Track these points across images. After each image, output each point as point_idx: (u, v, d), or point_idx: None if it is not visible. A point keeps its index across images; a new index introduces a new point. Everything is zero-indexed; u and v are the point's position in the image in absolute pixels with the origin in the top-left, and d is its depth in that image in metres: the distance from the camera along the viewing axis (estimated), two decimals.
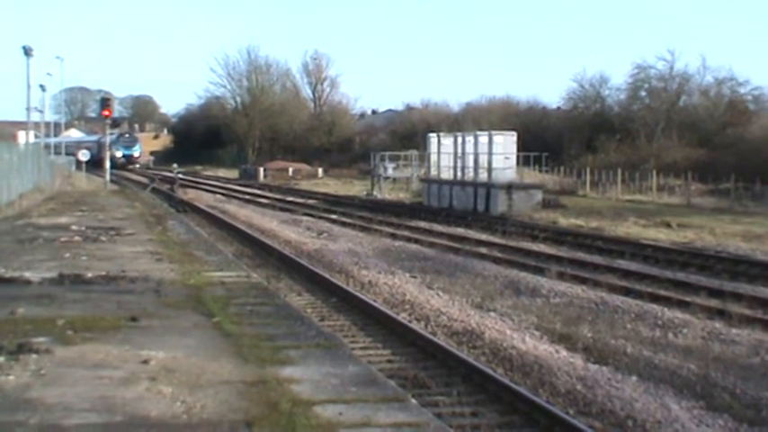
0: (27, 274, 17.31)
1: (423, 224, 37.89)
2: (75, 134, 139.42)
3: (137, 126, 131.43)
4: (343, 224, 37.97)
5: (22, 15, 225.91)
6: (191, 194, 56.56)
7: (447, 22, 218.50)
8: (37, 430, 7.99)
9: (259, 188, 66.30)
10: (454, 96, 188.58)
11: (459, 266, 24.73)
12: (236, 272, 19.10)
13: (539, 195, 43.89)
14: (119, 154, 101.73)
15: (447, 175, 48.55)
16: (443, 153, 49.52)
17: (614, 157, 64.68)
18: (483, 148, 45.41)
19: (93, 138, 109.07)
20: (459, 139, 48.56)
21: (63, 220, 30.30)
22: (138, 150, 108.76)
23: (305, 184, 71.86)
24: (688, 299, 19.51)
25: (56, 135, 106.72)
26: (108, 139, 60.30)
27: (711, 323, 17.11)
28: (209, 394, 9.18)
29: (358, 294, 19.55)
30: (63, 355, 10.79)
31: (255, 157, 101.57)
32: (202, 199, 53.17)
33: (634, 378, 13.15)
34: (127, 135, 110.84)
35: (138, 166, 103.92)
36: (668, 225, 36.05)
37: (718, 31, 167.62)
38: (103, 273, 17.68)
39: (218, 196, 57.33)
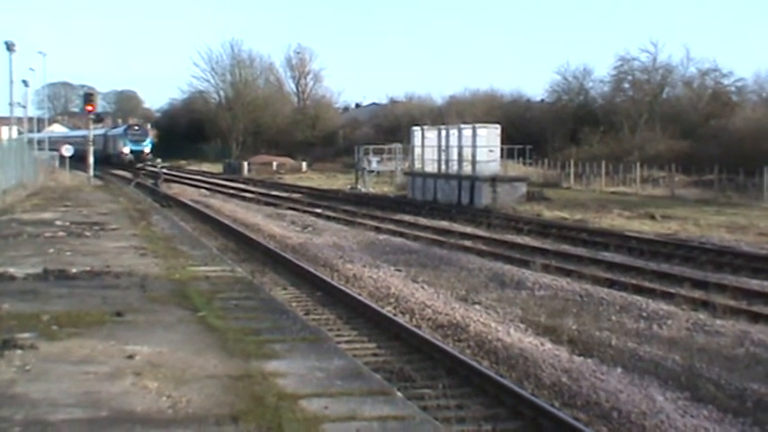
0: (11, 270, 17.24)
1: (407, 217, 37.92)
2: (58, 129, 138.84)
3: (120, 121, 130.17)
4: (328, 218, 37.98)
5: (4, 10, 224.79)
6: (175, 189, 56.45)
7: (430, 15, 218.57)
8: (22, 426, 7.95)
9: (243, 182, 66.23)
10: (438, 89, 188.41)
11: (444, 259, 24.75)
12: (221, 266, 19.07)
13: (523, 188, 43.99)
14: (126, 150, 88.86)
15: (431, 168, 48.60)
16: (427, 146, 49.52)
17: (598, 149, 64.92)
18: (467, 140, 45.45)
19: (98, 131, 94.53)
20: (444, 132, 48.60)
21: (47, 215, 30.20)
22: (149, 145, 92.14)
23: (289, 179, 71.84)
24: (672, 290, 19.57)
25: (39, 130, 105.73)
26: (91, 135, 59.86)
27: (696, 314, 17.17)
28: (195, 389, 9.16)
29: (343, 288, 19.57)
30: (48, 350, 10.75)
31: (239, 152, 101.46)
32: (186, 194, 53.08)
33: (619, 370, 13.18)
34: (136, 128, 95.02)
35: (148, 163, 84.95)
36: (652, 217, 36.20)
37: (702, 22, 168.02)
38: (88, 268, 17.63)
39: (203, 191, 57.26)
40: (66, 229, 25.28)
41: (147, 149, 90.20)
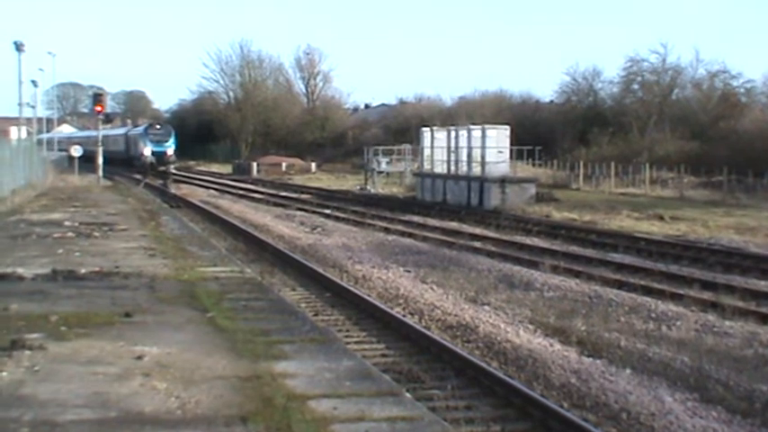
0: (20, 270, 17.27)
1: (416, 218, 37.90)
2: (67, 129, 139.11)
3: (129, 121, 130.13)
4: (337, 219, 37.96)
5: (14, 10, 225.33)
6: (184, 190, 56.48)
7: (439, 16, 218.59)
8: (31, 426, 7.97)
9: (252, 183, 66.24)
10: (447, 90, 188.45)
11: (453, 260, 24.73)
12: (230, 267, 19.08)
13: (532, 189, 43.88)
14: (147, 152, 76.94)
15: (440, 169, 48.53)
16: (437, 147, 49.43)
17: (607, 150, 64.83)
18: (476, 141, 45.35)
19: (119, 131, 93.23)
20: (453, 133, 48.49)
21: (56, 215, 30.25)
22: (173, 146, 79.21)
23: (298, 179, 71.83)
24: (681, 291, 19.54)
25: (48, 131, 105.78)
26: (100, 135, 59.95)
27: (705, 316, 17.15)
28: (204, 390, 9.17)
29: (352, 289, 19.54)
30: (56, 351, 10.77)
31: (248, 152, 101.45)
32: (196, 194, 53.10)
33: (628, 371, 13.17)
34: (158, 126, 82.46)
35: (171, 167, 74.22)
36: (661, 218, 36.13)
37: (712, 24, 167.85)
38: (97, 268, 17.66)
39: (212, 191, 57.26)
40: (74, 230, 25.32)
41: (171, 151, 78.83)
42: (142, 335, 11.69)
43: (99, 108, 55.87)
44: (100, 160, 56.83)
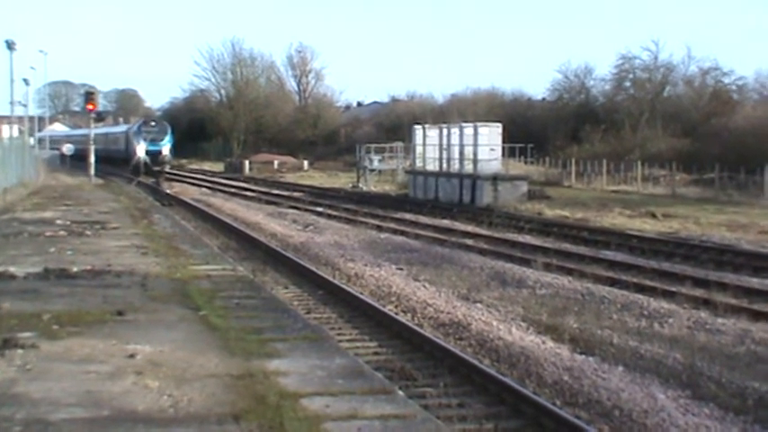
0: (12, 269, 17.23)
1: (408, 216, 37.89)
2: (59, 128, 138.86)
3: (121, 120, 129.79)
4: (329, 217, 37.96)
5: (5, 9, 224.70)
6: (176, 188, 56.46)
7: (432, 13, 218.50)
8: (23, 425, 7.95)
9: (244, 181, 66.24)
10: (439, 88, 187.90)
11: (446, 258, 24.74)
12: (222, 265, 19.06)
13: (524, 186, 43.94)
14: (140, 151, 72.01)
15: (432, 166, 48.56)
16: (429, 145, 49.49)
17: (599, 147, 64.85)
18: (468, 139, 45.40)
19: (119, 129, 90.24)
20: (445, 131, 48.54)
21: (48, 214, 30.19)
22: (169, 144, 74.23)
23: (290, 177, 71.79)
24: (673, 289, 19.57)
25: (40, 129, 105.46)
26: (92, 133, 59.81)
27: (697, 313, 17.17)
28: (196, 388, 9.15)
29: (344, 287, 19.55)
30: (49, 349, 10.75)
31: (240, 150, 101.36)
32: (188, 192, 53.08)
33: (620, 368, 13.18)
34: (152, 123, 77.78)
35: (167, 167, 72.12)
36: (653, 215, 36.16)
37: (703, 21, 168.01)
38: (89, 267, 17.62)
39: (204, 190, 57.26)
40: (66, 228, 25.27)
41: (166, 150, 73.59)
42: (134, 333, 11.66)
43: (91, 106, 55.86)
44: (92, 158, 56.78)
